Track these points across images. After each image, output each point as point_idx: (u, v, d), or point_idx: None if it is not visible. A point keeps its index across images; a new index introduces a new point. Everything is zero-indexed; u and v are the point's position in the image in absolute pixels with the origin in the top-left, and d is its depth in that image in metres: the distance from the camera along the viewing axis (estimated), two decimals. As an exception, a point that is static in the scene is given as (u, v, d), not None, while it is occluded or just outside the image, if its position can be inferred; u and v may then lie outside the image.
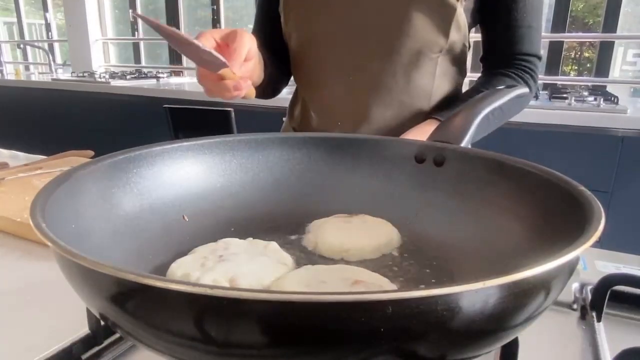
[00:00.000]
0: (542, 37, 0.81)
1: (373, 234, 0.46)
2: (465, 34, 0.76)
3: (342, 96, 0.78)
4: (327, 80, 0.79)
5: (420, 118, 0.77)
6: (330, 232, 0.46)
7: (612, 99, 1.75)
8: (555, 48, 2.25)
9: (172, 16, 3.24)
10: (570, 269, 0.28)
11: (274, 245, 0.44)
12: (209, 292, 0.21)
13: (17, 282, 0.52)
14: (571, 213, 0.34)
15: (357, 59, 0.76)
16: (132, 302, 0.24)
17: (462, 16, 0.73)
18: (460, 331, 0.23)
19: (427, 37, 0.72)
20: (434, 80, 0.77)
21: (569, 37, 2.29)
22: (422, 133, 0.70)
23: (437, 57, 0.75)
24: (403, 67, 0.74)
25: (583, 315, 0.45)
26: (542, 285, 0.25)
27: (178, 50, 0.51)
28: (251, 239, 0.45)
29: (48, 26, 3.91)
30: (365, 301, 0.20)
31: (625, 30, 2.13)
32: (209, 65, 0.53)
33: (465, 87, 0.85)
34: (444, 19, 0.71)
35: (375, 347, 0.22)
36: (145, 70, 3.20)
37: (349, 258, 0.45)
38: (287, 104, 0.93)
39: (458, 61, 0.79)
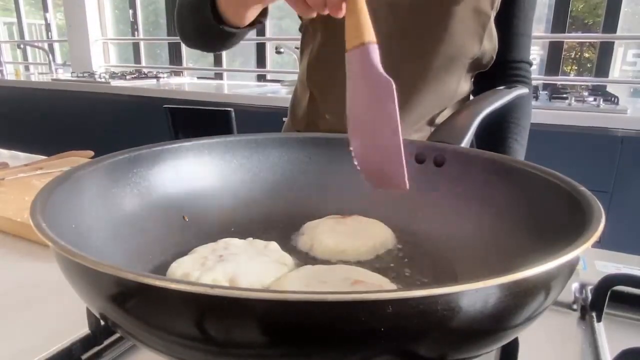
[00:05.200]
0: (542, 37, 0.82)
1: (368, 234, 0.46)
2: (495, 44, 0.75)
3: None
4: None
5: (438, 117, 0.78)
6: (325, 234, 0.46)
7: (612, 99, 1.75)
8: (555, 48, 2.25)
9: (172, 16, 3.24)
10: (570, 269, 0.28)
11: (274, 245, 0.44)
12: (209, 291, 0.21)
13: (17, 282, 0.52)
14: (571, 213, 0.34)
15: (389, 62, 0.75)
16: (132, 302, 0.24)
17: (493, 25, 0.73)
18: (460, 331, 0.23)
19: (463, 44, 0.72)
20: (459, 83, 0.77)
21: (569, 37, 2.29)
22: None
23: (467, 62, 0.75)
24: (434, 70, 0.74)
25: (583, 316, 0.45)
26: (542, 285, 0.25)
27: None
28: (251, 239, 0.45)
29: (48, 26, 3.91)
30: (365, 301, 0.20)
31: (625, 30, 2.13)
32: None
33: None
34: (479, 27, 0.72)
35: (376, 347, 0.22)
36: (145, 70, 3.20)
37: (345, 259, 0.45)
38: (286, 104, 0.93)
39: (480, 67, 0.79)
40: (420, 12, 0.72)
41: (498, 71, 0.79)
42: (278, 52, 2.51)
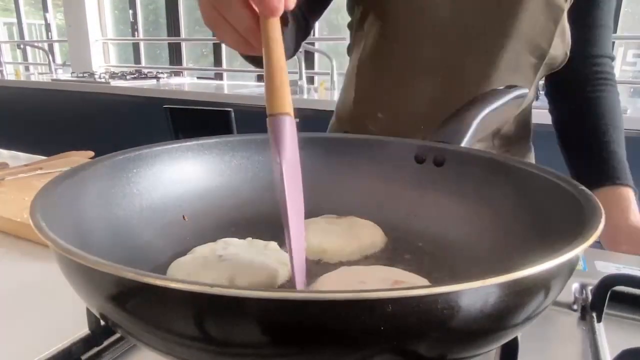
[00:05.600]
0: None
1: (355, 235, 0.46)
2: (569, 43, 0.70)
3: (427, 98, 0.71)
4: (411, 79, 0.72)
5: (508, 125, 0.73)
6: (311, 232, 0.46)
7: (612, 99, 1.75)
8: (555, 48, 2.25)
9: (172, 16, 3.24)
10: (570, 268, 0.28)
11: (273, 245, 0.44)
12: (209, 290, 0.21)
13: (17, 282, 0.52)
14: (571, 213, 0.34)
15: (448, 55, 0.69)
16: (132, 302, 0.24)
17: (566, 21, 0.67)
18: (460, 330, 0.23)
19: (530, 40, 0.67)
20: (531, 88, 0.70)
21: (569, 38, 2.28)
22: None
23: (537, 63, 0.69)
24: (501, 70, 0.68)
25: (583, 316, 0.45)
26: (542, 284, 0.25)
27: None
28: (251, 239, 0.45)
29: (48, 26, 3.92)
30: (365, 300, 0.20)
31: (625, 30, 2.13)
32: None
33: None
34: (550, 22, 0.66)
35: (375, 346, 0.22)
36: (145, 70, 3.21)
37: (328, 260, 0.44)
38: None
39: (551, 70, 0.73)
40: (483, 7, 0.66)
41: (579, 69, 0.73)
42: (278, 52, 2.50)
